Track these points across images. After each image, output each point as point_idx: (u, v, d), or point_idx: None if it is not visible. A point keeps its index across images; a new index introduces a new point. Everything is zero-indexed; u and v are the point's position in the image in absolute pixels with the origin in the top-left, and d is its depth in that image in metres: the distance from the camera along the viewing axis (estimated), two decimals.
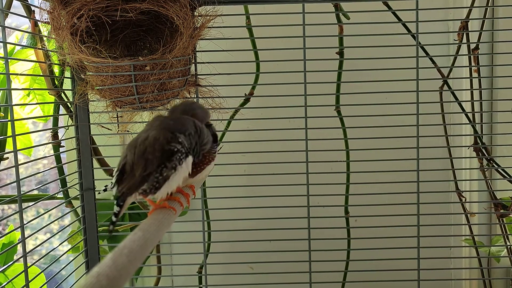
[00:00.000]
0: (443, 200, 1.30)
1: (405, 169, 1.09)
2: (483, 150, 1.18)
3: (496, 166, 1.18)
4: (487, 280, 1.24)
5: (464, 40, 1.15)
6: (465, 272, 1.33)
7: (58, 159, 1.11)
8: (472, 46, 1.16)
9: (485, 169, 1.19)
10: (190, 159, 0.71)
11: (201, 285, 1.20)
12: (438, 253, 1.25)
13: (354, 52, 1.12)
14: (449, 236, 1.31)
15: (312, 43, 1.05)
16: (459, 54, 1.17)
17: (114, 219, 0.67)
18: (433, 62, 1.12)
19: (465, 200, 1.21)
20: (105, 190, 0.75)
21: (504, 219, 1.19)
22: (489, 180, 1.20)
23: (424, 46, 1.11)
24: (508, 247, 1.18)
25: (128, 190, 0.66)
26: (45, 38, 1.04)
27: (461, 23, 1.13)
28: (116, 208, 0.67)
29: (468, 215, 1.21)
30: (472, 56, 1.16)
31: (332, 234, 1.13)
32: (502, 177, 1.17)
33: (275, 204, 1.11)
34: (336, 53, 1.11)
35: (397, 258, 1.11)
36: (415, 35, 1.08)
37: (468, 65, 1.18)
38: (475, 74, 1.17)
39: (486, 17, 1.17)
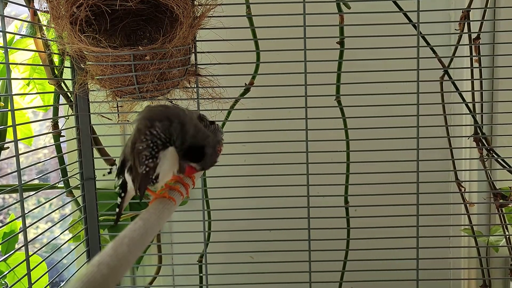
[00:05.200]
0: (443, 190, 1.30)
1: (405, 159, 1.09)
2: (483, 140, 1.18)
3: (496, 156, 1.18)
4: (486, 270, 1.25)
5: (465, 30, 1.14)
6: (463, 261, 1.34)
7: (58, 148, 1.12)
8: (473, 36, 1.15)
9: (485, 159, 1.20)
10: (170, 149, 0.68)
11: (201, 274, 1.21)
12: (437, 243, 1.26)
13: (354, 42, 1.11)
14: (448, 226, 1.32)
15: (313, 33, 1.05)
16: (460, 44, 1.17)
17: (117, 210, 0.68)
18: (434, 52, 1.12)
19: (465, 190, 1.21)
20: (109, 172, 0.75)
21: (503, 209, 1.19)
22: (488, 170, 1.20)
23: (425, 36, 1.11)
24: (507, 236, 1.18)
25: (143, 184, 0.67)
26: (44, 28, 1.04)
27: (462, 12, 1.13)
28: (119, 200, 0.68)
29: (467, 205, 1.21)
30: (473, 46, 1.16)
31: (331, 224, 1.14)
32: (502, 167, 1.17)
33: (275, 194, 1.11)
34: (336, 42, 1.11)
35: (396, 248, 1.12)
36: (416, 24, 1.08)
37: (469, 55, 1.17)
38: (476, 64, 1.17)
39: (488, 6, 1.16)
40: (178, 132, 0.68)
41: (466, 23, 1.13)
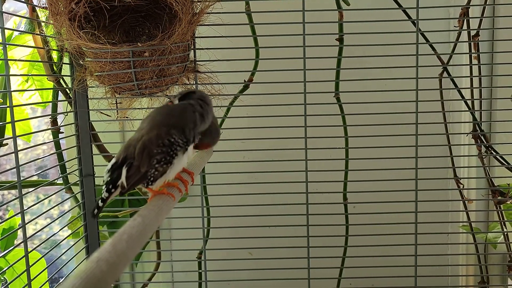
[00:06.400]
0: (441, 187, 1.30)
1: (403, 156, 1.09)
2: (482, 137, 1.18)
3: (494, 153, 1.18)
4: (484, 266, 1.25)
5: (465, 27, 1.14)
6: (462, 258, 1.34)
7: (57, 145, 1.12)
8: (473, 33, 1.15)
9: (484, 156, 1.20)
10: (189, 150, 0.72)
11: (200, 270, 1.21)
12: (435, 239, 1.26)
13: (354, 39, 1.11)
14: (446, 223, 1.32)
15: (312, 29, 1.05)
16: (459, 41, 1.17)
17: (101, 204, 0.68)
18: (433, 49, 1.12)
19: (463, 187, 1.22)
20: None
21: (501, 206, 1.19)
22: (487, 167, 1.20)
23: (424, 33, 1.10)
24: (505, 233, 1.19)
25: (136, 183, 0.68)
26: (43, 24, 1.04)
27: (461, 9, 1.13)
28: (105, 194, 0.68)
29: (466, 202, 1.22)
30: (472, 43, 1.16)
31: (330, 221, 1.14)
32: (500, 164, 1.18)
33: (274, 191, 1.11)
34: (336, 39, 1.11)
35: (395, 244, 1.12)
36: (415, 21, 1.08)
37: (468, 52, 1.17)
38: (475, 61, 1.17)
39: (487, 3, 1.16)
40: (193, 131, 0.72)
41: (465, 20, 1.13)
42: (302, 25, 1.05)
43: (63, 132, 1.12)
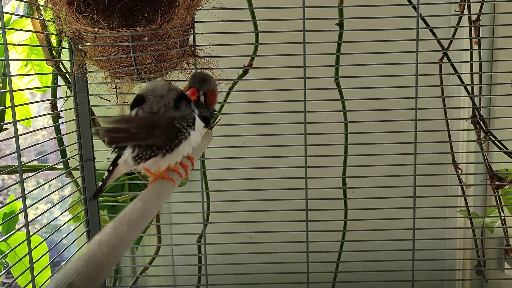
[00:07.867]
0: (440, 171, 1.31)
1: (403, 141, 1.09)
2: (481, 123, 1.18)
3: (493, 139, 1.19)
4: (481, 250, 1.26)
5: (465, 11, 1.14)
6: (459, 242, 1.35)
7: (57, 130, 1.12)
8: (473, 17, 1.15)
9: (482, 142, 1.20)
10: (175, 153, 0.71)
11: (200, 254, 1.22)
12: (433, 224, 1.27)
13: (354, 23, 1.11)
14: (444, 207, 1.33)
15: (312, 14, 1.04)
16: (460, 25, 1.16)
17: (105, 175, 0.71)
18: (433, 33, 1.11)
19: (462, 172, 1.22)
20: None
21: (499, 191, 1.20)
22: (485, 153, 1.21)
23: (425, 17, 1.10)
24: (502, 218, 1.20)
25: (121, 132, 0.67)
26: (41, 8, 1.03)
27: None
28: (106, 173, 0.71)
29: (464, 186, 1.22)
30: (473, 28, 1.15)
31: (329, 205, 1.15)
32: (499, 149, 1.18)
33: (273, 175, 1.12)
34: (336, 24, 1.10)
35: (393, 228, 1.13)
36: (415, 6, 1.07)
37: (468, 37, 1.17)
38: (475, 46, 1.17)
39: None
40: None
41: (466, 5, 1.13)
42: (302, 9, 1.05)
43: (63, 117, 1.12)
